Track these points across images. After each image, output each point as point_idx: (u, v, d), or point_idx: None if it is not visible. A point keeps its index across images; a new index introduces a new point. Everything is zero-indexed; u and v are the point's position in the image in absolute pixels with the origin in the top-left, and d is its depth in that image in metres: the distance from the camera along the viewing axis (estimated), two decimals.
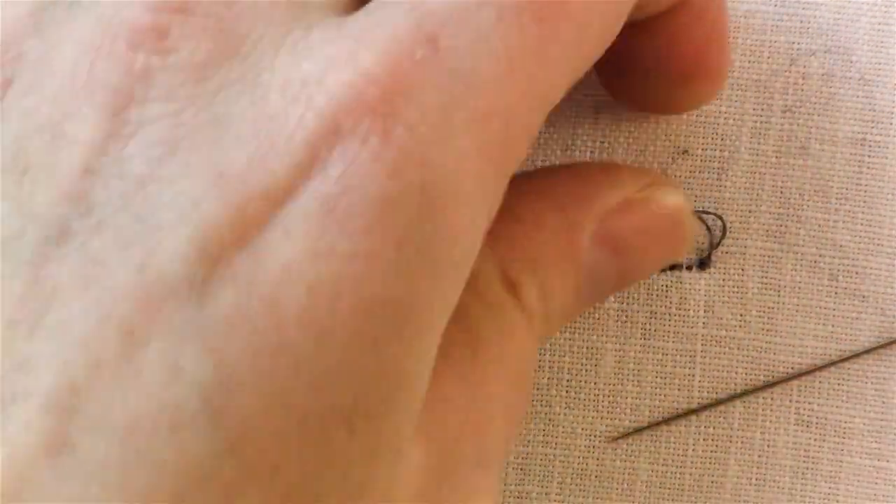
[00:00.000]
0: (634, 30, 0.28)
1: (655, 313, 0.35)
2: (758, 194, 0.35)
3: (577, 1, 0.24)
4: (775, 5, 0.35)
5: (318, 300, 0.21)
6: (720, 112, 0.35)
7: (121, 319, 0.21)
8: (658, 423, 0.35)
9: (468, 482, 0.25)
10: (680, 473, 0.35)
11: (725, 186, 0.35)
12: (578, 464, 0.35)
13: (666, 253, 0.31)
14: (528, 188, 0.29)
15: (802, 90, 0.35)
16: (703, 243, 0.35)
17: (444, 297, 0.23)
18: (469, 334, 0.26)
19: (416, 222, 0.22)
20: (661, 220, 0.30)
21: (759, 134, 0.35)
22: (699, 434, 0.35)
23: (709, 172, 0.35)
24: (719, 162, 0.35)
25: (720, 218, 0.35)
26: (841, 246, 0.35)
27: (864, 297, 0.35)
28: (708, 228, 0.35)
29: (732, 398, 0.35)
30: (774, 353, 0.35)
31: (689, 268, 0.35)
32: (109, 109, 0.22)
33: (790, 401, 0.35)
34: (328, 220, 0.22)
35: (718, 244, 0.35)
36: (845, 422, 0.35)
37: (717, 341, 0.35)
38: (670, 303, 0.35)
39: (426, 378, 0.23)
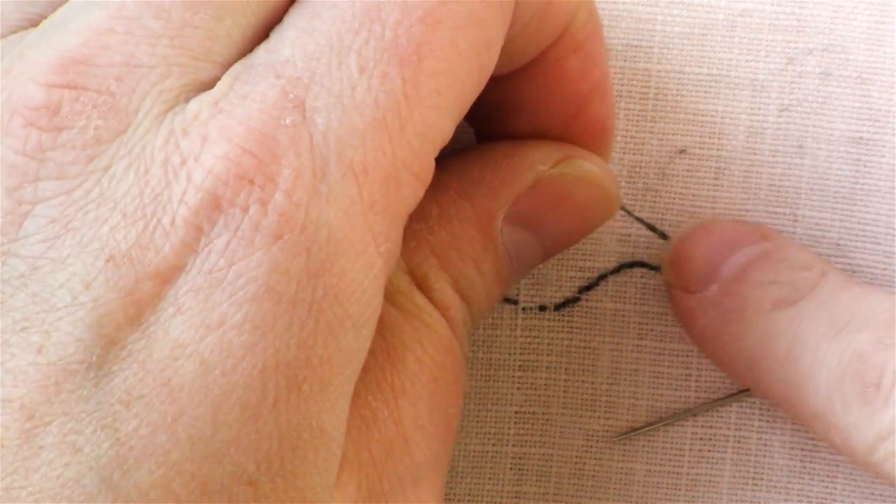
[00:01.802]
0: (517, 74, 0.29)
1: (651, 313, 0.35)
2: (755, 193, 0.35)
3: (439, 37, 0.24)
4: (772, 4, 0.35)
5: (211, 373, 0.22)
6: (717, 111, 0.35)
7: (22, 402, 0.22)
8: (656, 424, 0.35)
9: (400, 501, 0.26)
10: (676, 473, 0.35)
11: (723, 185, 0.35)
12: (575, 463, 0.35)
13: (587, 220, 0.31)
14: (433, 184, 0.30)
15: (799, 89, 0.35)
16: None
17: (347, 350, 0.24)
18: (385, 343, 0.27)
19: (306, 284, 0.23)
20: (576, 190, 0.31)
21: (756, 133, 0.35)
22: (695, 434, 0.35)
23: (706, 171, 0.35)
24: (716, 161, 0.35)
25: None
26: (838, 244, 0.35)
27: None
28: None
29: (730, 398, 0.35)
30: None
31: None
32: (5, 188, 0.23)
33: None
34: (217, 293, 0.22)
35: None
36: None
37: None
38: (666, 302, 0.35)
39: (340, 427, 0.24)
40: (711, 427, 0.35)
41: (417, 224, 0.29)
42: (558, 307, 0.35)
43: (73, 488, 0.22)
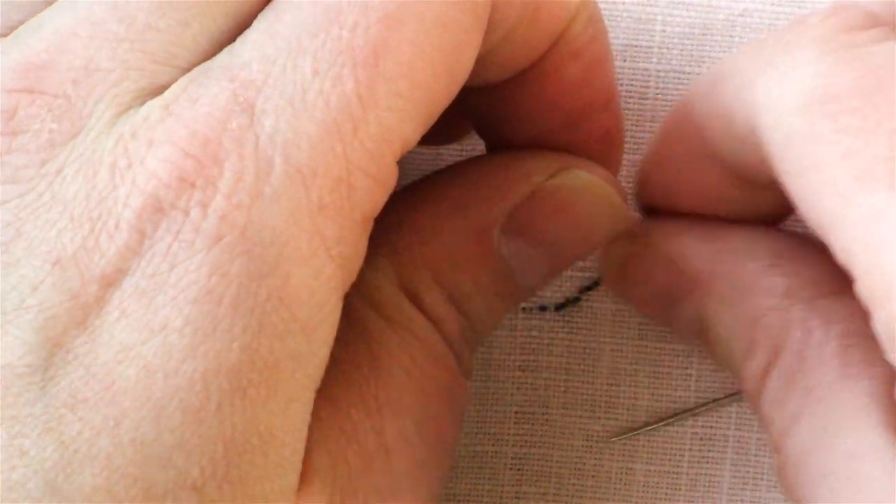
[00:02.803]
0: (515, 82, 0.29)
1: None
2: None
3: (399, 39, 0.24)
4: (772, 4, 0.35)
5: (153, 377, 0.22)
6: None
7: None
8: (656, 424, 0.35)
9: None
10: (676, 473, 0.35)
11: None
12: (575, 464, 0.35)
13: (592, 230, 0.31)
14: (427, 194, 0.30)
15: None
16: None
17: (297, 355, 0.23)
18: (371, 354, 0.27)
19: (247, 286, 0.23)
20: (575, 201, 0.30)
21: None
22: (695, 434, 0.35)
23: None
24: None
25: None
26: None
27: None
28: None
29: (730, 398, 0.35)
30: None
31: None
32: None
33: None
34: (160, 296, 0.22)
35: None
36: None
37: None
38: None
39: (295, 434, 0.24)
40: (711, 427, 0.35)
41: (410, 237, 0.29)
42: (559, 307, 0.35)
43: (19, 492, 0.22)
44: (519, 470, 0.35)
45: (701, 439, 0.35)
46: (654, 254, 0.31)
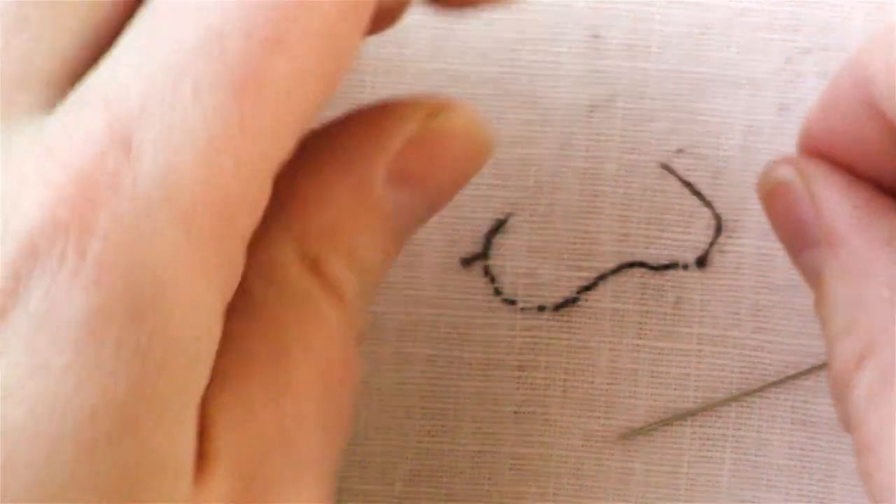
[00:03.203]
0: None
1: (650, 313, 0.35)
2: (753, 193, 0.35)
3: (284, 59, 0.23)
4: (770, 3, 0.35)
5: (40, 418, 0.22)
6: (715, 110, 0.35)
7: None
8: (655, 425, 0.35)
9: (279, 499, 0.26)
10: (676, 473, 0.35)
11: (720, 185, 0.35)
12: (574, 463, 0.35)
13: (467, 169, 0.31)
14: (308, 158, 0.29)
15: (797, 88, 0.35)
16: (701, 241, 0.35)
17: (183, 382, 0.23)
18: (270, 338, 0.27)
19: (130, 327, 0.23)
20: (452, 142, 0.30)
21: (755, 132, 0.35)
22: (694, 433, 0.35)
23: (704, 171, 0.35)
24: (714, 161, 0.35)
25: (717, 217, 0.35)
26: None
27: None
28: (717, 221, 0.35)
29: (730, 398, 0.35)
30: (769, 353, 0.35)
31: (685, 266, 0.35)
32: None
33: (785, 400, 0.35)
34: (39, 338, 0.22)
35: (713, 243, 0.35)
36: (839, 421, 0.35)
37: (712, 340, 0.35)
38: (665, 302, 0.35)
39: (183, 453, 0.24)
40: (711, 427, 0.35)
41: (301, 207, 0.28)
42: (557, 307, 0.35)
43: None
44: (518, 470, 0.35)
45: (701, 439, 0.35)
46: (804, 189, 0.31)
